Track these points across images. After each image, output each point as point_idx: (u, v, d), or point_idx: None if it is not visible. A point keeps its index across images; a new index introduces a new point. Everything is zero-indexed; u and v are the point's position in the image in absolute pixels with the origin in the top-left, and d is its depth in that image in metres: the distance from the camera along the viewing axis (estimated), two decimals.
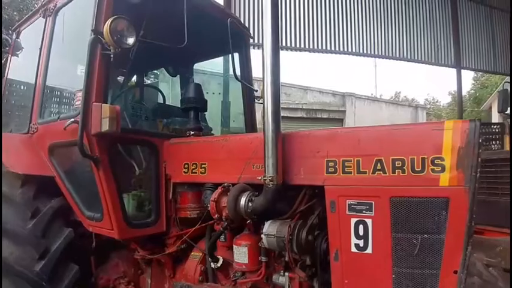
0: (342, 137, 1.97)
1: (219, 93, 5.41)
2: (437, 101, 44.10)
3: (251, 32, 6.93)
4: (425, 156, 1.68)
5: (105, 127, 2.19)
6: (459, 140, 1.64)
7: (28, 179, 2.65)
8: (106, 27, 2.17)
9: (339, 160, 1.89)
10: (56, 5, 2.94)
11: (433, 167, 1.67)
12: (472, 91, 33.04)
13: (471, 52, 10.36)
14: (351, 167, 1.85)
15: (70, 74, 3.12)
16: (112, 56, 2.26)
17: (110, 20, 2.17)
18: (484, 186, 4.79)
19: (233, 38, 2.74)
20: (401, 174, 1.73)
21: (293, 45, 7.97)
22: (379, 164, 1.78)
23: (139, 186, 2.66)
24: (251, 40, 3.88)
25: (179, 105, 3.54)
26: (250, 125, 3.77)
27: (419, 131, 1.79)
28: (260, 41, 2.02)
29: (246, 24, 7.28)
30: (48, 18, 2.99)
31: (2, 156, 2.76)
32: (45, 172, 2.68)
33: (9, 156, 2.73)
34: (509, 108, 9.13)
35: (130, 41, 2.25)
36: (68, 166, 2.71)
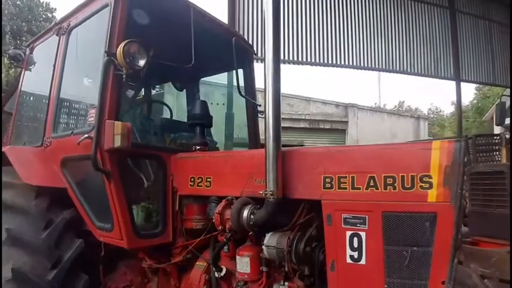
0: (338, 154, 2.10)
1: (223, 104, 5.56)
2: (440, 111, 44.07)
3: (254, 46, 7.16)
4: (415, 174, 1.80)
5: (117, 143, 2.33)
6: (445, 159, 1.76)
7: (42, 191, 2.76)
8: (119, 50, 2.32)
9: (335, 176, 2.01)
10: (69, 24, 3.09)
11: (421, 184, 1.78)
12: (475, 101, 33.02)
13: (470, 65, 10.47)
14: (346, 183, 1.97)
15: (82, 90, 3.28)
16: (124, 76, 2.42)
17: (123, 44, 2.32)
18: (480, 198, 4.88)
19: (237, 55, 2.89)
20: (392, 190, 1.84)
21: (295, 58, 8.14)
22: (372, 181, 1.90)
23: (148, 198, 2.79)
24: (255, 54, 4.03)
25: (185, 120, 3.70)
26: (254, 137, 3.90)
27: (409, 150, 1.93)
28: (263, 55, 2.15)
29: (249, 39, 7.51)
30: (61, 36, 3.14)
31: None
32: (57, 184, 2.81)
33: (24, 168, 2.84)
34: (507, 120, 9.22)
35: (142, 62, 2.40)
36: (80, 178, 2.85)
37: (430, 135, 27.93)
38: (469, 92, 35.14)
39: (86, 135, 2.48)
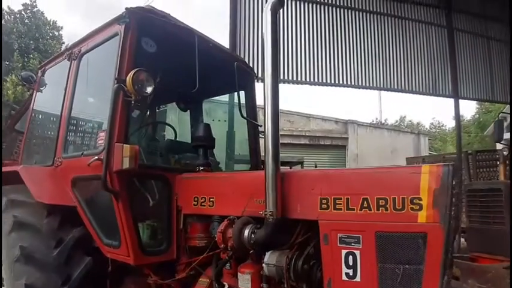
0: (333, 177, 2.22)
1: (225, 121, 5.72)
2: (442, 125, 44.08)
3: (255, 67, 7.39)
4: (405, 196, 1.89)
5: (126, 165, 2.47)
6: (434, 183, 1.86)
7: (53, 210, 2.89)
8: (129, 78, 2.47)
9: (331, 198, 2.12)
10: (80, 50, 3.26)
11: (412, 206, 1.88)
12: (477, 116, 33.06)
13: (469, 82, 10.52)
14: (341, 204, 2.08)
15: (92, 113, 3.44)
16: (132, 102, 2.57)
17: (132, 72, 2.47)
18: (477, 215, 4.97)
19: (239, 78, 3.02)
20: (384, 211, 1.94)
21: (294, 78, 8.31)
22: (365, 202, 2.00)
23: (153, 217, 2.90)
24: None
25: (189, 139, 3.84)
26: (255, 155, 4.03)
27: (400, 174, 2.03)
28: (262, 75, 2.27)
29: (250, 60, 7.74)
30: (73, 61, 3.30)
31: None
32: (68, 202, 2.94)
33: (36, 187, 2.97)
34: (506, 135, 9.27)
35: (149, 89, 2.54)
36: (89, 197, 2.97)
37: (432, 150, 27.97)
38: (471, 106, 35.18)
39: (96, 157, 2.62)
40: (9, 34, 19.55)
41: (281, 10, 2.38)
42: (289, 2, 8.53)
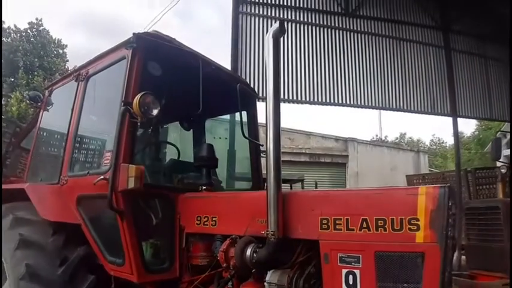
0: (333, 198, 2.29)
1: (226, 138, 5.79)
2: (443, 142, 44.06)
3: (256, 86, 7.56)
4: (403, 217, 1.95)
5: (131, 185, 2.54)
6: (431, 204, 1.92)
7: (58, 228, 2.94)
8: (135, 101, 2.56)
9: (331, 218, 2.17)
10: (88, 72, 3.35)
11: (409, 226, 1.93)
12: (476, 132, 33.15)
13: (467, 101, 10.65)
14: (341, 224, 2.13)
15: (97, 133, 3.52)
16: (138, 124, 2.66)
17: (139, 95, 2.56)
18: (476, 233, 5.01)
19: (241, 99, 3.08)
20: (383, 231, 2.00)
21: (295, 98, 8.45)
22: (364, 223, 2.06)
23: (156, 236, 2.94)
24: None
25: (191, 157, 3.91)
26: (257, 174, 4.08)
27: (398, 195, 2.10)
28: (264, 94, 2.36)
29: (251, 80, 7.91)
30: (80, 82, 3.39)
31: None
32: (72, 220, 2.99)
33: (41, 205, 3.03)
34: (506, 152, 9.32)
35: (155, 112, 2.63)
36: (93, 215, 3.03)
37: (432, 167, 27.95)
38: (471, 123, 35.27)
39: (102, 177, 2.68)
40: (15, 52, 19.94)
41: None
42: (290, 24, 8.78)
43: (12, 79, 19.84)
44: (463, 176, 9.50)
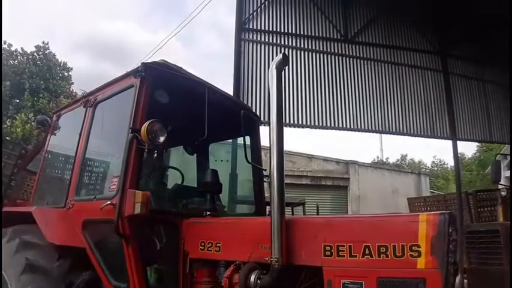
0: (336, 224, 2.34)
1: (227, 161, 5.85)
2: (444, 163, 43.82)
3: (258, 110, 7.69)
4: (405, 243, 2.00)
5: (137, 210, 2.59)
6: (431, 230, 1.97)
7: (64, 253, 2.98)
8: (143, 129, 2.63)
9: (334, 245, 2.21)
10: (96, 98, 3.44)
11: (411, 253, 1.97)
12: (477, 154, 33.07)
13: (466, 124, 10.73)
14: (344, 251, 2.17)
15: (104, 158, 3.59)
16: (146, 150, 2.74)
17: (147, 123, 2.64)
18: (476, 256, 4.99)
19: (245, 125, 3.17)
20: (385, 258, 2.04)
21: (296, 122, 8.59)
22: (367, 249, 2.10)
23: (161, 261, 2.95)
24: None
25: (194, 181, 3.95)
26: (260, 198, 4.11)
27: (399, 222, 2.15)
28: (266, 118, 2.41)
29: (253, 102, 8.07)
30: (88, 108, 3.48)
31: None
32: (77, 244, 3.02)
33: (47, 229, 3.08)
34: (507, 173, 9.29)
35: (162, 139, 2.70)
36: (98, 240, 3.06)
37: (434, 189, 27.81)
38: (472, 144, 35.21)
39: (109, 202, 2.74)
40: (21, 74, 20.29)
41: None
42: (291, 51, 9.03)
43: (18, 101, 20.11)
44: (464, 199, 9.48)
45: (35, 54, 22.24)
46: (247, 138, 3.79)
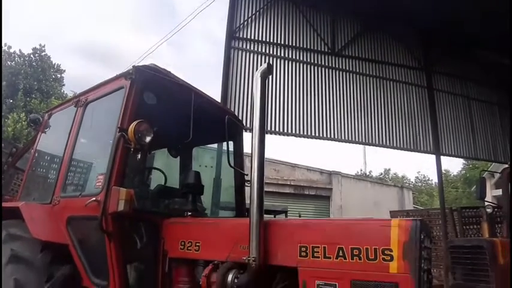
0: (312, 226, 2.42)
1: (211, 167, 5.88)
2: (428, 179, 44.25)
3: (243, 117, 7.79)
4: (377, 247, 2.06)
5: (121, 207, 2.64)
6: (403, 236, 2.02)
7: (47, 246, 3.00)
8: (131, 128, 2.70)
9: (309, 246, 2.28)
10: (87, 99, 3.51)
11: (383, 256, 2.03)
12: (463, 171, 33.42)
13: (450, 139, 10.89)
14: (319, 252, 2.24)
15: (91, 156, 3.62)
16: (132, 149, 2.78)
17: (134, 123, 2.71)
18: (461, 272, 4.90)
19: (229, 130, 3.24)
20: (358, 260, 2.10)
21: (281, 130, 8.68)
22: (341, 251, 2.16)
23: (140, 259, 2.99)
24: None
25: (176, 183, 3.99)
26: (240, 203, 4.17)
27: (372, 226, 2.20)
28: (251, 125, 2.47)
29: (239, 110, 8.20)
30: (79, 108, 3.54)
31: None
32: (61, 240, 3.06)
33: (33, 224, 3.09)
34: (496, 192, 9.27)
35: (148, 139, 2.77)
36: (81, 237, 3.09)
37: (417, 204, 28.04)
38: (458, 161, 35.54)
39: (94, 198, 2.79)
40: (17, 75, 20.42)
41: None
42: (279, 60, 9.22)
43: (11, 100, 20.09)
44: (448, 214, 9.59)
45: (32, 56, 22.41)
46: (231, 144, 3.86)
